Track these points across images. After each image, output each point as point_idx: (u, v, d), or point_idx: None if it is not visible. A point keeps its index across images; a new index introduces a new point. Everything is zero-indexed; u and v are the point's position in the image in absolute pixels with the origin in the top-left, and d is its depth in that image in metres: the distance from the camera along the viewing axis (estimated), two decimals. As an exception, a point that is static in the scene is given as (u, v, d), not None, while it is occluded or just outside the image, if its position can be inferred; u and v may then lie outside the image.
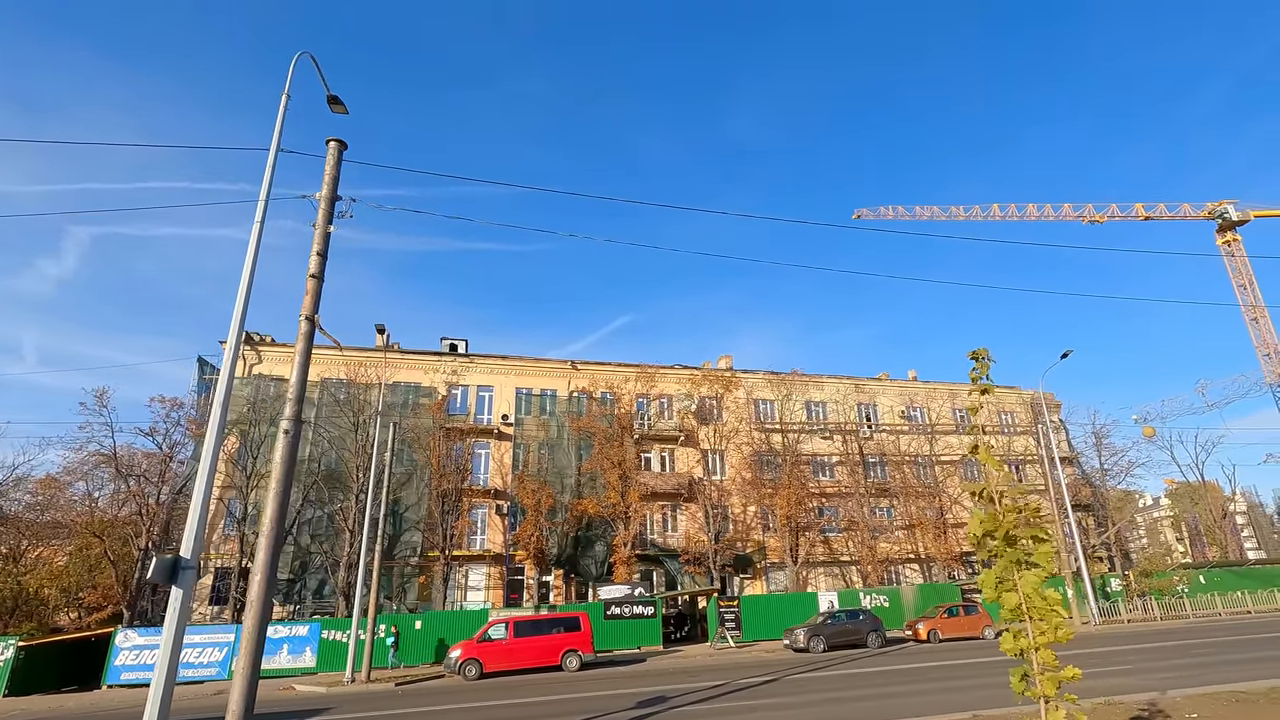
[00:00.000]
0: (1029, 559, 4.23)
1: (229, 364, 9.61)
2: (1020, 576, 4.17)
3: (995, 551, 4.34)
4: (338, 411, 35.37)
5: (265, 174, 10.66)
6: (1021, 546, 4.25)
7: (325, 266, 10.34)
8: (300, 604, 34.00)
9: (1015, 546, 4.28)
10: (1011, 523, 4.31)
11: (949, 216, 73.61)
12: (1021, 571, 4.19)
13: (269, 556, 8.70)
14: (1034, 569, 4.16)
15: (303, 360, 9.75)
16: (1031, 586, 4.10)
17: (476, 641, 24.03)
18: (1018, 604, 4.16)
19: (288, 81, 11.48)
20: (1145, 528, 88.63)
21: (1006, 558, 4.27)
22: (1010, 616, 4.21)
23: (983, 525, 4.36)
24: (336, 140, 11.03)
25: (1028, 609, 4.11)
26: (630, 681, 20.18)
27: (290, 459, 9.23)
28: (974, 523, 4.40)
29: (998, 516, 4.32)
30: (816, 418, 46.26)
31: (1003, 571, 4.27)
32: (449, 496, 35.22)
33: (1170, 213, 73.06)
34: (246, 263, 10.10)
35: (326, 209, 10.51)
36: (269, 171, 10.66)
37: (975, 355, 4.71)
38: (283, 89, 10.97)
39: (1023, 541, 4.22)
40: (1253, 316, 71.03)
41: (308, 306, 9.97)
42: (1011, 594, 4.18)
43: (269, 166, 10.71)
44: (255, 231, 10.41)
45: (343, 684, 23.09)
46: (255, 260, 10.19)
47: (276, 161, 10.82)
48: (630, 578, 35.77)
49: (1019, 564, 4.25)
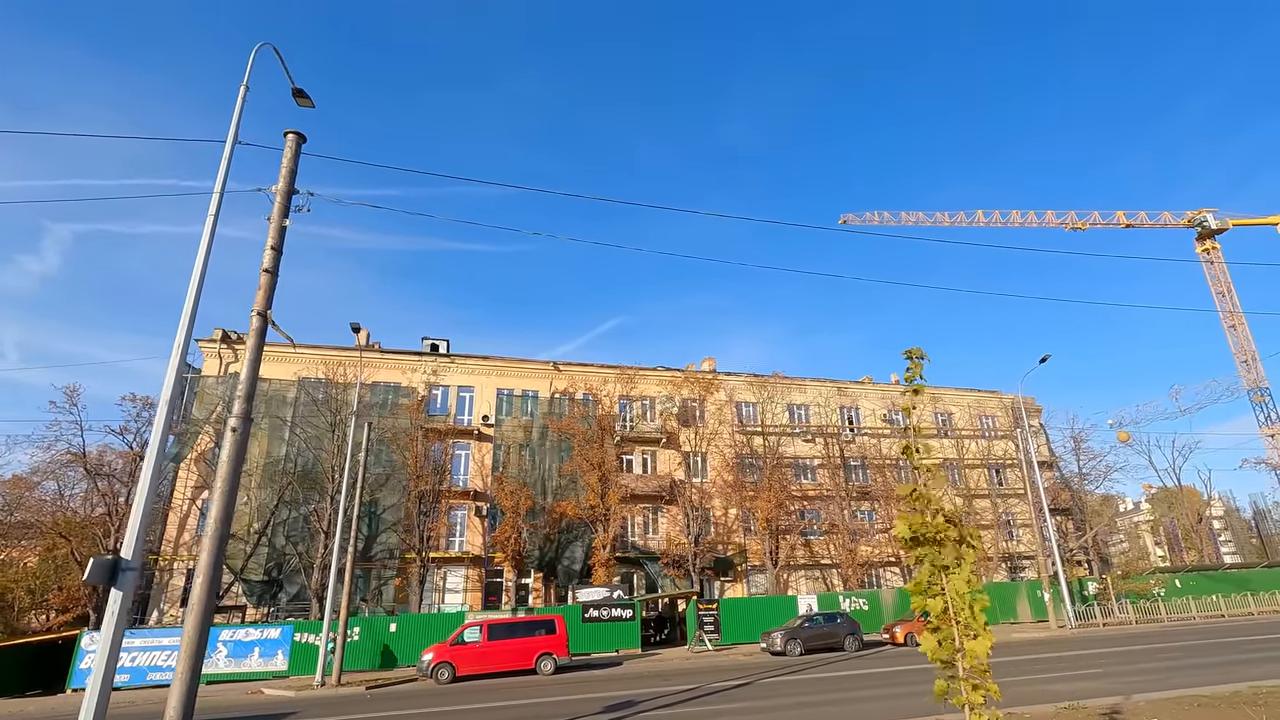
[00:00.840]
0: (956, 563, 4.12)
1: (176, 362, 9.40)
2: (946, 581, 4.06)
3: (921, 556, 4.23)
4: (315, 411, 34.93)
5: (220, 167, 10.44)
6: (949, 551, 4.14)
7: (280, 261, 10.13)
8: (275, 606, 33.55)
9: (943, 551, 4.17)
10: (939, 526, 4.20)
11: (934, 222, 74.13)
12: (948, 576, 4.07)
13: (212, 558, 8.46)
14: (959, 574, 4.05)
15: (253, 357, 9.53)
16: (956, 591, 3.99)
17: (450, 644, 23.79)
18: (943, 609, 4.05)
19: (246, 73, 11.26)
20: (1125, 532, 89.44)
21: (932, 562, 4.15)
22: (936, 623, 4.09)
23: (911, 528, 4.24)
24: (295, 133, 10.81)
25: (954, 614, 4.00)
26: (603, 685, 20.01)
27: (238, 458, 8.99)
28: (901, 526, 4.29)
29: (925, 519, 4.20)
30: (799, 420, 46.28)
31: (930, 576, 4.16)
32: (426, 498, 34.88)
33: (1151, 221, 73.99)
34: (198, 259, 9.88)
35: (282, 203, 10.29)
36: (224, 164, 10.45)
37: (909, 354, 4.61)
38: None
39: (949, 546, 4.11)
40: (1231, 324, 71.98)
41: (260, 302, 9.75)
42: (937, 599, 4.07)
43: (224, 159, 10.50)
44: (209, 226, 10.18)
45: (312, 687, 22.77)
46: (208, 256, 9.97)
47: (233, 155, 10.62)
48: (609, 580, 35.57)
49: (946, 569, 4.13)
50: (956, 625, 4.01)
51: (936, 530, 4.18)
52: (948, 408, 50.05)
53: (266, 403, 36.28)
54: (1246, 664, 17.27)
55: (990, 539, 45.01)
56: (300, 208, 10.54)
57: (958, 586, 4.01)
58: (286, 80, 11.31)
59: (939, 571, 4.12)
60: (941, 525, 4.19)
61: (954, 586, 4.03)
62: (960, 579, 4.04)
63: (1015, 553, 45.32)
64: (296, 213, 10.52)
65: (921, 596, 4.17)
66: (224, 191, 10.45)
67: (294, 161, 10.65)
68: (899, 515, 4.40)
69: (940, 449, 47.42)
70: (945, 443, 48.00)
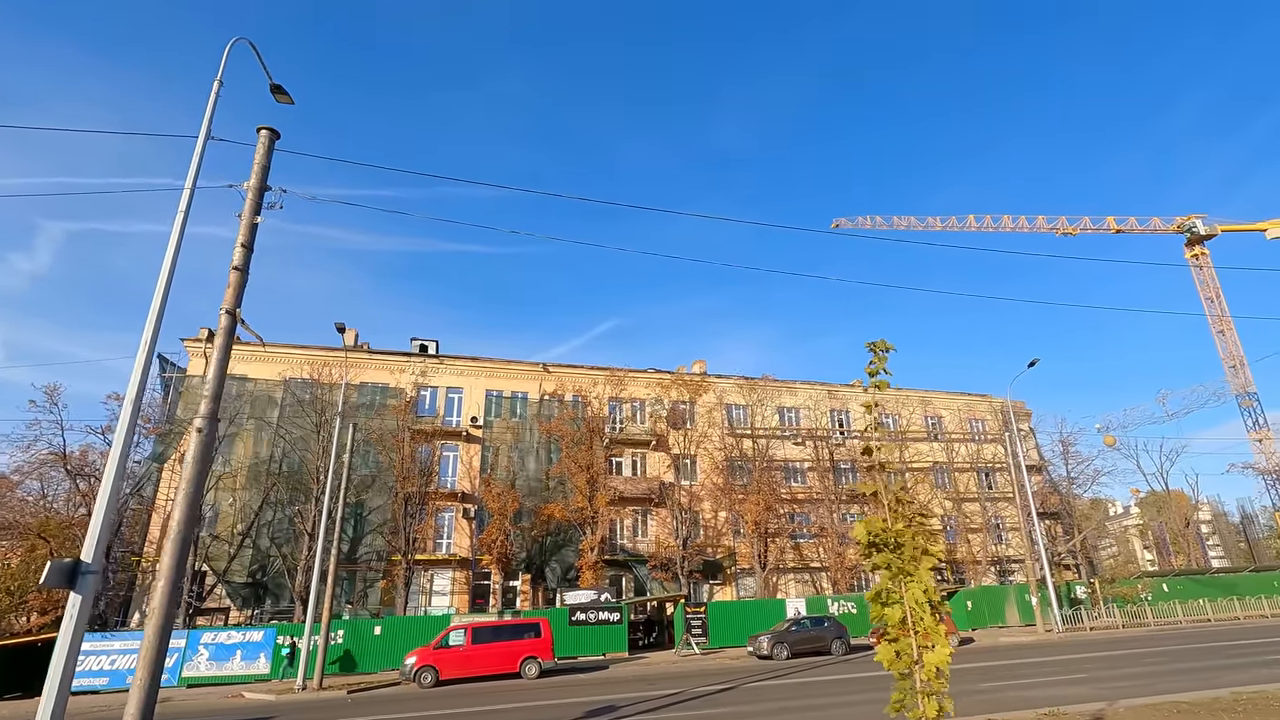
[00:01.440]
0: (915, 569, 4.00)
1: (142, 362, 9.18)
2: (906, 589, 3.94)
3: (881, 562, 4.11)
4: (300, 412, 34.64)
5: (192, 163, 10.28)
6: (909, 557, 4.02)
7: (250, 259, 9.94)
8: (260, 609, 33.23)
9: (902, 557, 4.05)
10: (900, 531, 4.08)
11: (926, 226, 74.51)
12: (907, 585, 3.95)
13: (174, 561, 8.28)
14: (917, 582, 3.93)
15: (221, 357, 9.35)
16: (915, 600, 3.87)
17: (433, 648, 23.58)
18: (901, 618, 3.93)
19: (220, 68, 11.13)
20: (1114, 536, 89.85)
21: (893, 568, 4.03)
22: (894, 633, 3.97)
23: (870, 533, 4.12)
24: (268, 129, 10.65)
25: (912, 623, 3.88)
26: (586, 690, 19.85)
27: (203, 459, 8.83)
28: (859, 530, 4.17)
29: (885, 523, 4.08)
30: (789, 423, 46.22)
31: (889, 583, 4.04)
32: (413, 499, 34.62)
33: (1141, 226, 74.52)
34: (167, 256, 9.69)
35: (254, 199, 10.11)
36: (196, 160, 10.28)
37: (873, 346, 4.48)
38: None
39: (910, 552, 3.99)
40: (1219, 329, 72.45)
41: (229, 300, 9.57)
42: (896, 608, 3.94)
43: (196, 155, 10.33)
44: (178, 223, 10.00)
45: (293, 691, 22.52)
46: (177, 253, 9.78)
47: (206, 151, 10.46)
48: (598, 583, 35.38)
49: (909, 575, 4.01)
50: (915, 635, 3.89)
51: (897, 535, 4.06)
52: (938, 411, 50.11)
53: (252, 403, 36.00)
54: (1230, 669, 17.24)
55: (979, 543, 45.05)
56: (273, 205, 10.38)
57: (915, 595, 3.89)
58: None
59: (899, 578, 4.00)
60: (901, 530, 4.07)
61: (912, 595, 3.90)
62: (918, 587, 3.92)
63: (1004, 556, 45.38)
64: (269, 210, 10.35)
65: (879, 605, 4.04)
66: (195, 188, 10.31)
67: (267, 158, 10.49)
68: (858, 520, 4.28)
69: (930, 452, 47.49)
70: (935, 446, 48.06)
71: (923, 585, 3.91)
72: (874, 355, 4.54)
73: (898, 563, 3.95)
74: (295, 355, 37.74)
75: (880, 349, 4.54)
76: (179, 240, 9.83)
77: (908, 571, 4.03)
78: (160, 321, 9.50)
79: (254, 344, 38.88)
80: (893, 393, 49.88)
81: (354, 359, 39.59)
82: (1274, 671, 15.94)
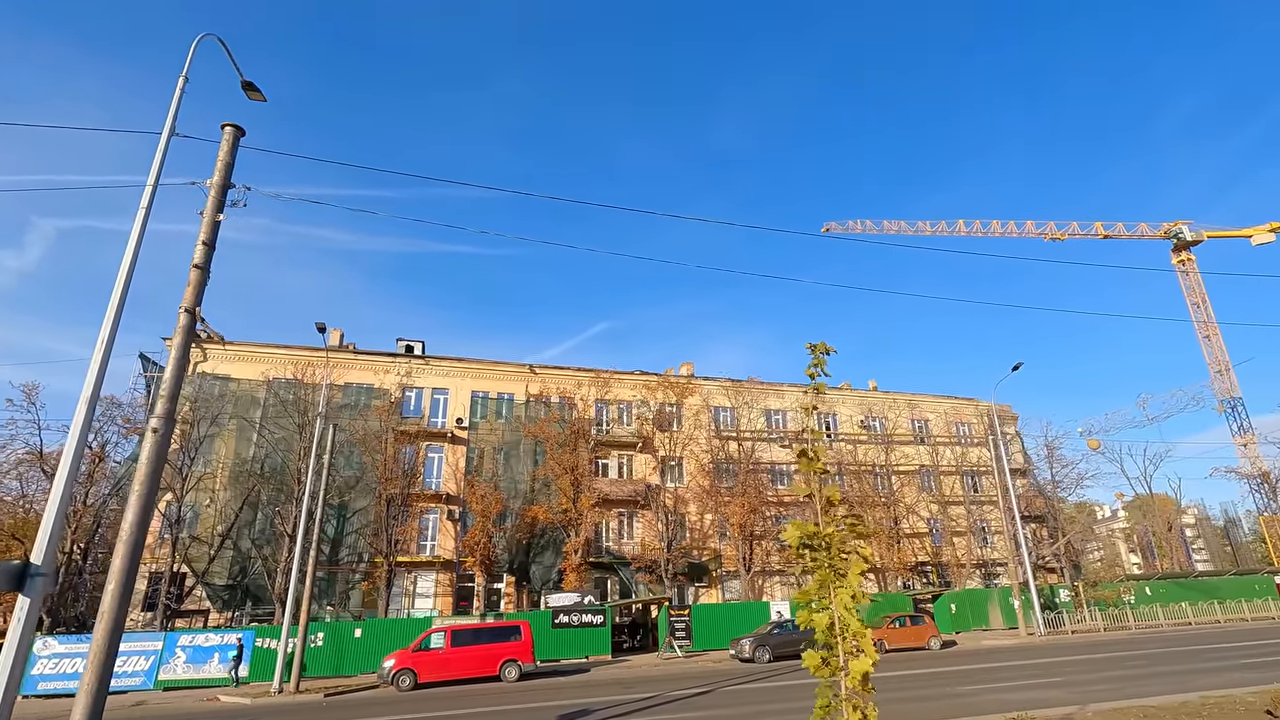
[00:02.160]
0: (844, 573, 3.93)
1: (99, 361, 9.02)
2: (834, 594, 3.87)
3: (811, 566, 4.04)
4: (283, 412, 34.36)
5: (155, 159, 10.15)
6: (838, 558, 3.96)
7: (212, 257, 9.81)
8: (240, 611, 32.92)
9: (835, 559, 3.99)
10: (830, 534, 4.02)
11: (916, 231, 74.76)
12: (835, 591, 3.89)
13: (126, 563, 8.12)
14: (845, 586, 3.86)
15: (180, 355, 9.19)
16: (844, 605, 3.81)
17: (412, 651, 23.39)
18: (829, 624, 3.86)
19: (186, 65, 10.99)
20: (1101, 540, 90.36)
21: (824, 573, 3.97)
22: (823, 639, 3.90)
23: (801, 535, 4.05)
24: (233, 126, 10.52)
25: (840, 630, 3.81)
26: (563, 693, 19.72)
27: (157, 460, 8.66)
28: (791, 531, 4.10)
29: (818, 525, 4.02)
30: (776, 426, 46.21)
31: (819, 589, 3.97)
32: (396, 501, 34.37)
33: (1128, 232, 75.05)
34: (127, 253, 9.55)
35: (217, 197, 9.98)
36: (159, 156, 10.15)
37: (813, 348, 4.42)
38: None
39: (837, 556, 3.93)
40: (1205, 334, 72.94)
41: (189, 298, 9.43)
42: (824, 614, 3.88)
43: (159, 151, 10.21)
44: (139, 219, 9.85)
45: (270, 694, 22.31)
46: (138, 250, 9.64)
47: (169, 147, 10.33)
48: (582, 586, 35.22)
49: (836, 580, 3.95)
50: (842, 641, 3.82)
51: (828, 538, 3.99)
52: (924, 414, 50.22)
53: (235, 403, 35.69)
54: (1204, 673, 17.30)
55: (964, 546, 45.15)
56: (236, 202, 10.25)
57: (843, 600, 3.83)
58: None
59: (830, 581, 3.93)
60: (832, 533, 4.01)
61: (840, 600, 3.84)
62: (846, 592, 3.86)
63: (990, 559, 45.49)
64: (232, 207, 10.23)
65: (808, 610, 3.97)
66: (158, 184, 10.18)
67: (231, 155, 10.36)
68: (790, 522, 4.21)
69: (916, 455, 47.58)
70: (921, 449, 48.16)
71: (850, 590, 3.85)
72: (813, 357, 4.47)
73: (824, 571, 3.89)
74: (279, 355, 37.46)
75: (820, 350, 4.47)
76: (140, 236, 9.68)
77: (839, 574, 3.96)
78: (119, 319, 9.32)
79: (237, 344, 38.79)
80: (881, 395, 49.99)
81: (340, 359, 39.33)
82: (1247, 675, 16.00)
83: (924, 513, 45.28)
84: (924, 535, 44.66)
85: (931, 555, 44.18)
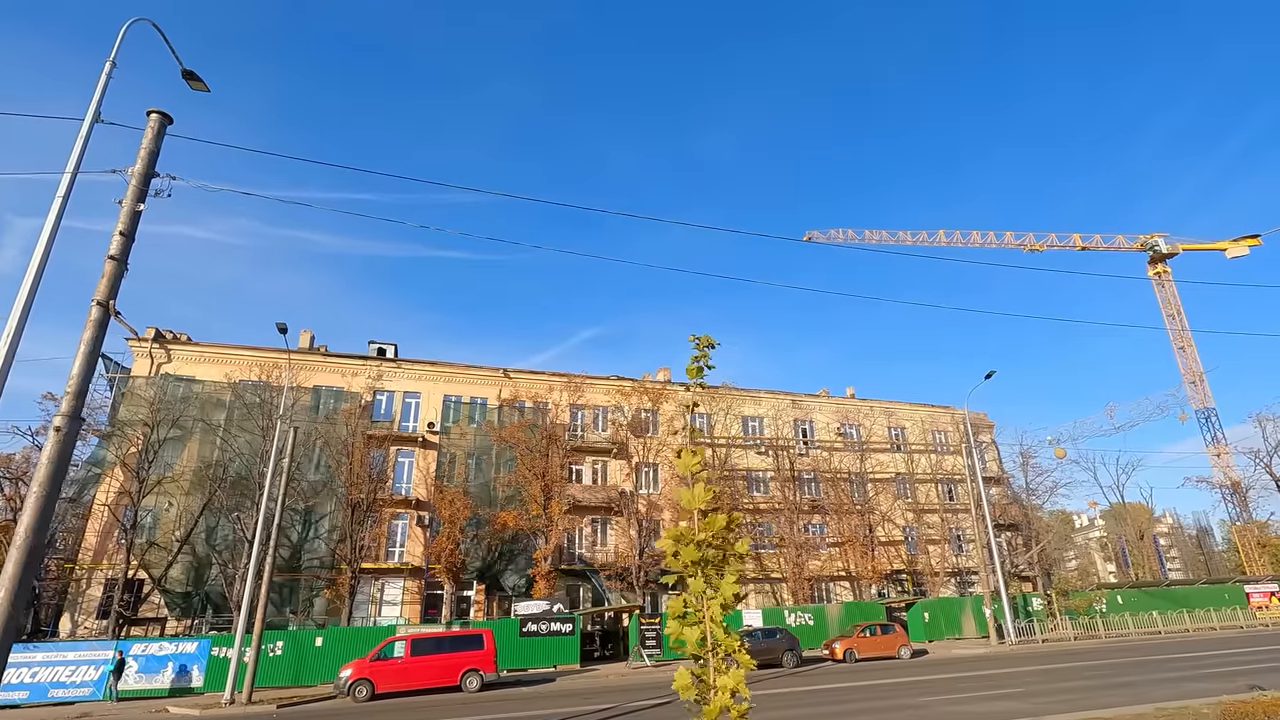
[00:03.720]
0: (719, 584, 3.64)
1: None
2: (708, 605, 3.57)
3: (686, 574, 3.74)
4: (247, 415, 33.62)
5: (75, 147, 9.76)
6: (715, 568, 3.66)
7: (130, 248, 9.38)
8: (200, 619, 32.07)
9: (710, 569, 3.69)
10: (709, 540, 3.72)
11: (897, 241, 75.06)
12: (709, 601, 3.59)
13: (19, 570, 7.64)
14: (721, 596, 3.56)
15: (88, 350, 8.72)
16: (714, 616, 3.51)
17: (370, 660, 22.82)
18: (700, 638, 3.56)
19: (114, 50, 10.66)
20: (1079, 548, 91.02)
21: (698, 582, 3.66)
22: (694, 653, 3.60)
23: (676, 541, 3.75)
24: (159, 113, 10.10)
25: (711, 644, 3.51)
26: (522, 705, 19.29)
27: (60, 460, 8.19)
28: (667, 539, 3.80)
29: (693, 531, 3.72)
30: (753, 433, 45.99)
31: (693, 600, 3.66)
32: (361, 506, 33.66)
33: (1105, 244, 75.89)
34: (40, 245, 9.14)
35: (138, 186, 9.55)
36: (80, 144, 9.76)
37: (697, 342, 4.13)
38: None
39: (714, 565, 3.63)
40: (1180, 345, 73.84)
41: (102, 290, 8.97)
42: (695, 628, 3.57)
43: (80, 138, 9.81)
44: (55, 209, 9.48)
45: (220, 705, 21.64)
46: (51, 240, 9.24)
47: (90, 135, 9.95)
48: (553, 593, 34.68)
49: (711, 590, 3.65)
50: (714, 657, 3.52)
51: (709, 542, 3.70)
52: (901, 422, 50.22)
53: (200, 406, 34.91)
54: (1165, 683, 17.18)
55: (939, 554, 45.10)
56: (159, 192, 9.84)
57: (714, 611, 3.53)
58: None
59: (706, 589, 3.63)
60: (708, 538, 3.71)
61: (712, 611, 3.54)
62: (717, 602, 3.56)
63: (964, 568, 45.44)
64: (155, 198, 9.81)
65: (679, 623, 3.66)
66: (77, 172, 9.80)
67: (156, 143, 9.93)
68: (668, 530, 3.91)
69: (892, 463, 47.56)
70: (897, 457, 48.14)
71: (722, 599, 3.55)
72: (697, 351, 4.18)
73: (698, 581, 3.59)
74: (246, 356, 36.74)
75: (704, 344, 4.19)
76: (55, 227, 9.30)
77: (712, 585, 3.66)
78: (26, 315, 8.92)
79: (204, 345, 38.00)
80: (859, 403, 49.95)
81: (309, 362, 38.64)
82: (1206, 685, 15.88)
83: (899, 521, 45.21)
84: (899, 543, 44.56)
85: (906, 563, 44.07)
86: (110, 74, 10.43)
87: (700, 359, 4.12)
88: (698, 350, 4.13)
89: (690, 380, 4.13)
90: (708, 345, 4.13)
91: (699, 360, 4.12)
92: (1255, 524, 56.79)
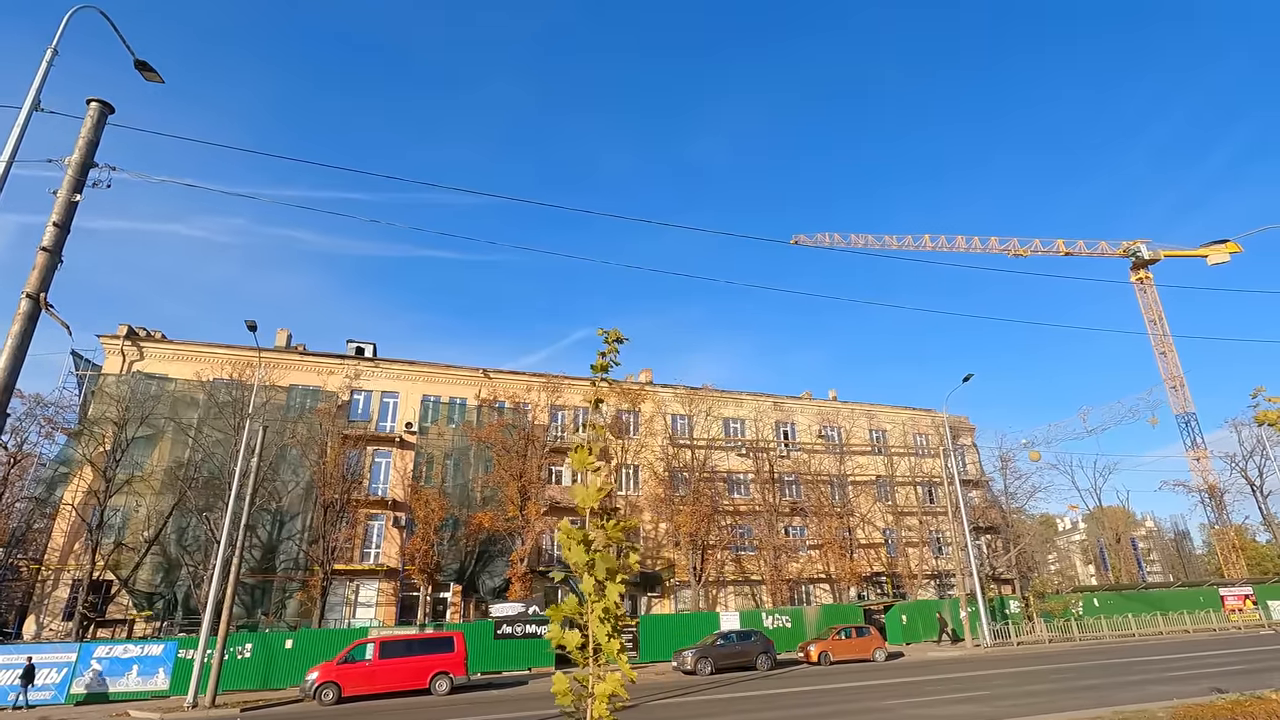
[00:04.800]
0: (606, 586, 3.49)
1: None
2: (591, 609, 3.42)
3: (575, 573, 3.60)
4: (220, 414, 33.14)
5: (11, 135, 9.49)
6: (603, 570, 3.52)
7: (64, 240, 9.13)
8: (169, 620, 31.54)
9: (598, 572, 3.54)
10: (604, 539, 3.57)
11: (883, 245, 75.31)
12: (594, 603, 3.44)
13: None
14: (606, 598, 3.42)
15: (17, 344, 8.48)
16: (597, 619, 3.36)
17: (337, 663, 22.47)
18: (581, 643, 3.41)
19: (56, 37, 10.38)
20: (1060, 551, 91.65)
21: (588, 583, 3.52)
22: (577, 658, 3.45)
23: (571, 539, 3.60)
24: (99, 101, 9.85)
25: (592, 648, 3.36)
26: (488, 708, 19.08)
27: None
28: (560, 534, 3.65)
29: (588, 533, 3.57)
30: (734, 435, 45.91)
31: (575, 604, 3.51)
32: (334, 507, 33.22)
33: (1089, 250, 76.50)
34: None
35: (75, 176, 9.29)
36: (16, 132, 9.49)
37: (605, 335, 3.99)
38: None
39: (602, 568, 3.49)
40: (1161, 350, 74.55)
41: (33, 282, 8.72)
42: (575, 633, 3.43)
43: (17, 126, 9.54)
44: (-12, 197, 9.20)
45: (183, 709, 21.22)
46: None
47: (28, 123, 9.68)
48: (530, 595, 34.40)
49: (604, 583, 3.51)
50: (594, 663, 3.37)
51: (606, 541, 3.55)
52: (882, 425, 50.32)
53: (172, 404, 34.38)
54: (1129, 686, 17.23)
55: (918, 556, 45.19)
56: (98, 183, 9.59)
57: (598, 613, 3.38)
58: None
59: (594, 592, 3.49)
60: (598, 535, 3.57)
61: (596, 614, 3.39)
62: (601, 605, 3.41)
63: (943, 571, 45.55)
64: (93, 188, 9.56)
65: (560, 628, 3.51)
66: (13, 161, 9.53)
67: (95, 133, 9.68)
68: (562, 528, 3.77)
69: (872, 465, 47.62)
70: (878, 459, 48.23)
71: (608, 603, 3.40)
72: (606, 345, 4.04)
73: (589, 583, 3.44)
74: (220, 355, 36.24)
75: (612, 339, 4.05)
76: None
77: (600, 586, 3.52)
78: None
79: (178, 343, 37.46)
80: (840, 406, 49.99)
81: (285, 360, 38.20)
82: (1170, 689, 15.89)
83: (879, 523, 45.27)
84: (879, 546, 44.61)
85: (886, 565, 44.13)
86: (51, 61, 10.11)
87: (609, 353, 3.99)
88: (606, 344, 3.99)
89: (595, 376, 3.99)
90: (615, 340, 4.00)
91: (606, 355, 3.99)
92: (1232, 527, 57.37)
